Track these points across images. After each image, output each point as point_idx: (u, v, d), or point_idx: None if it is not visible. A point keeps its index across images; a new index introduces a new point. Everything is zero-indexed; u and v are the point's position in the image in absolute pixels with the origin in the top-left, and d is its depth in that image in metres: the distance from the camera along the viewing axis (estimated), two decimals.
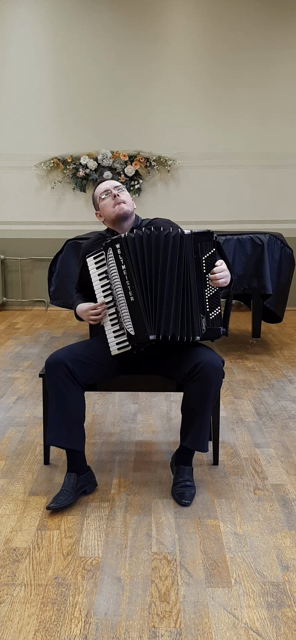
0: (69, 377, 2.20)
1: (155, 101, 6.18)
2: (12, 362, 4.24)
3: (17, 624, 1.60)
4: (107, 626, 1.59)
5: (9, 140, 6.27)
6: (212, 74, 6.14)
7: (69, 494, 2.19)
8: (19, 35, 6.11)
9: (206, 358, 2.19)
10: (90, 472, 2.33)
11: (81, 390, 2.26)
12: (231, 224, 6.25)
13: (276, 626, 1.58)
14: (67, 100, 6.21)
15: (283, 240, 4.43)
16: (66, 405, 2.20)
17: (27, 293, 6.53)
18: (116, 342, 2.29)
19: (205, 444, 2.24)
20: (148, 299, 2.21)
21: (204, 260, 2.22)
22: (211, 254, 2.23)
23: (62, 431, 2.20)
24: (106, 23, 6.07)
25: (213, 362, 2.19)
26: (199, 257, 2.22)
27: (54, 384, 2.21)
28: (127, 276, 2.21)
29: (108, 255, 2.24)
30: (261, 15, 6.04)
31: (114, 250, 2.22)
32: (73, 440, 2.22)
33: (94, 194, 2.51)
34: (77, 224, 6.29)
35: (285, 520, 2.12)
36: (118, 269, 2.22)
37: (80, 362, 2.24)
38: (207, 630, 1.57)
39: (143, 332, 2.19)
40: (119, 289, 2.22)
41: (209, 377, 2.17)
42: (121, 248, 2.21)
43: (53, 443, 2.21)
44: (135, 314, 2.20)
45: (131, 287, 2.20)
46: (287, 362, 4.23)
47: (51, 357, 2.24)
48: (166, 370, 2.36)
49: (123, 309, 2.22)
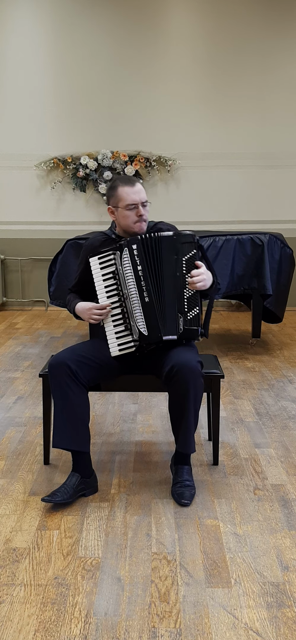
0: (72, 379, 2.20)
1: (155, 101, 6.18)
2: (12, 362, 4.24)
3: (17, 624, 1.60)
4: (107, 626, 1.59)
5: (9, 140, 6.27)
6: (212, 74, 6.14)
7: (67, 493, 2.19)
8: (20, 36, 6.11)
9: (181, 360, 2.18)
10: (94, 477, 2.32)
11: (85, 391, 2.26)
12: (231, 224, 6.25)
13: (276, 626, 1.58)
14: (67, 100, 6.21)
15: (283, 240, 4.43)
16: (70, 407, 2.20)
17: (27, 293, 6.53)
18: (117, 342, 2.29)
19: (191, 446, 2.25)
20: (159, 301, 2.25)
21: (184, 261, 2.26)
22: (192, 256, 2.26)
23: (67, 433, 2.20)
24: (106, 23, 6.07)
25: (188, 364, 2.17)
26: (179, 257, 2.26)
27: (58, 386, 2.20)
28: (143, 277, 2.24)
29: (123, 256, 2.25)
30: (260, 16, 6.04)
31: (131, 251, 2.24)
32: (78, 441, 2.23)
33: (116, 191, 2.37)
34: (77, 224, 6.29)
35: (284, 520, 2.12)
36: (134, 269, 2.24)
37: (83, 363, 2.24)
38: (207, 630, 1.57)
39: (157, 332, 2.23)
40: (133, 290, 2.24)
41: (185, 378, 2.16)
42: (137, 249, 2.24)
43: (59, 445, 2.21)
44: (149, 315, 2.23)
45: (146, 288, 2.24)
46: (287, 362, 4.23)
47: (54, 359, 2.24)
48: (155, 372, 2.37)
49: (136, 310, 2.24)
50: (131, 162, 6.14)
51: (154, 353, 2.34)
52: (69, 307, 2.55)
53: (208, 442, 2.78)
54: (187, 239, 2.27)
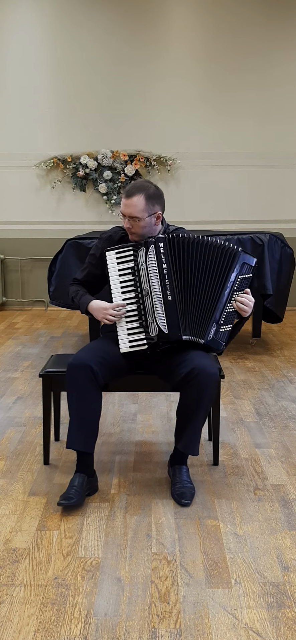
0: (92, 380, 2.19)
1: (155, 101, 6.18)
2: (12, 362, 4.24)
3: (16, 624, 1.59)
4: (107, 627, 1.58)
5: (9, 140, 6.26)
6: (212, 73, 6.13)
7: (79, 493, 2.18)
8: (19, 35, 6.10)
9: (201, 364, 2.17)
10: (95, 477, 2.33)
11: (100, 392, 2.26)
12: (231, 224, 6.24)
13: (277, 627, 1.58)
14: (67, 100, 6.20)
15: (283, 240, 4.42)
16: (87, 409, 2.20)
17: (27, 293, 6.52)
18: (128, 339, 2.28)
19: (195, 449, 2.26)
20: (183, 301, 2.25)
21: (240, 279, 2.28)
22: (247, 278, 2.29)
23: (82, 435, 2.20)
24: (106, 23, 6.06)
25: (208, 369, 2.17)
26: (237, 274, 2.28)
27: (76, 388, 2.19)
28: (167, 275, 2.23)
29: (149, 252, 2.24)
30: (260, 16, 6.03)
31: (157, 248, 2.23)
32: (90, 444, 2.23)
33: None
34: (77, 223, 6.29)
35: (285, 520, 2.11)
36: (158, 267, 2.23)
37: (102, 364, 2.23)
38: (207, 630, 1.57)
39: (177, 332, 2.22)
40: (157, 287, 2.23)
41: (204, 382, 2.16)
42: (164, 247, 2.23)
43: (72, 447, 2.20)
44: (171, 314, 2.22)
45: (170, 287, 2.23)
46: (287, 362, 4.22)
47: (75, 359, 2.21)
48: (163, 372, 2.34)
49: (158, 307, 2.22)
50: (131, 162, 6.13)
51: (165, 354, 2.32)
52: (76, 299, 2.48)
53: (208, 442, 2.78)
54: (250, 261, 2.29)
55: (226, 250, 2.28)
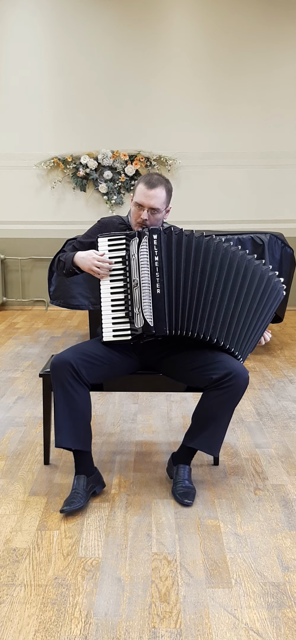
0: (74, 377, 2.18)
1: (155, 101, 6.18)
2: (12, 362, 4.24)
3: (17, 624, 1.59)
4: (107, 627, 1.58)
5: (9, 140, 6.26)
6: (213, 73, 6.13)
7: (81, 496, 2.17)
8: (19, 35, 6.10)
9: (237, 369, 2.17)
10: (97, 472, 2.32)
11: (87, 389, 2.23)
12: (232, 224, 6.24)
13: (277, 627, 1.58)
14: (67, 100, 6.21)
15: (283, 240, 4.42)
16: (73, 406, 2.18)
17: (27, 293, 6.52)
18: (112, 328, 2.25)
19: (219, 448, 2.26)
20: (172, 296, 2.20)
21: (274, 307, 2.33)
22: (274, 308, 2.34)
23: (69, 432, 2.18)
24: (106, 22, 6.06)
25: (244, 374, 2.18)
26: (274, 304, 2.32)
27: (60, 385, 2.18)
28: (158, 268, 2.19)
29: (142, 243, 2.19)
30: (261, 15, 6.03)
31: (150, 240, 2.19)
32: (81, 440, 2.21)
33: (137, 183, 2.35)
34: (77, 223, 6.29)
35: (285, 520, 2.11)
36: (150, 259, 2.19)
37: (85, 361, 2.21)
38: (207, 630, 1.57)
39: (162, 326, 2.18)
40: (146, 279, 2.18)
41: (239, 387, 2.17)
42: (158, 240, 2.19)
43: (61, 445, 2.19)
44: (157, 307, 2.18)
45: (160, 280, 2.19)
46: (288, 362, 4.22)
47: (56, 358, 2.21)
48: (180, 372, 2.31)
49: (145, 299, 2.18)
50: (131, 162, 6.13)
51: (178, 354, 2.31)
52: (63, 258, 2.43)
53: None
54: (277, 286, 2.32)
55: (268, 277, 2.29)
